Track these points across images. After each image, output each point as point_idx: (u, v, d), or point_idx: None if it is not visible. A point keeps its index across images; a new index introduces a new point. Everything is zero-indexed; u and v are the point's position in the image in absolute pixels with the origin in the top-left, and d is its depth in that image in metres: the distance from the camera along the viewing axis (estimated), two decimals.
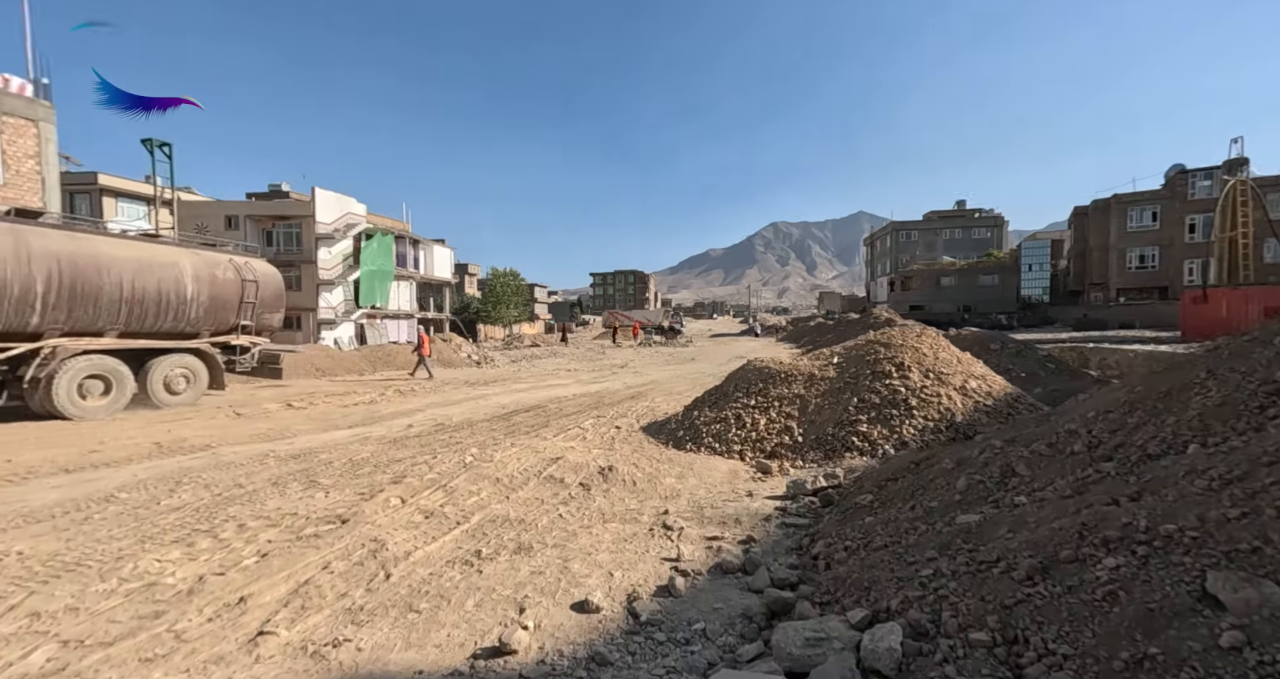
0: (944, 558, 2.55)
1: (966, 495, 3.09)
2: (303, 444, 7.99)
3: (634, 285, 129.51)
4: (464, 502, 5.10)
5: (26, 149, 18.93)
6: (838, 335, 29.23)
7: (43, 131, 19.29)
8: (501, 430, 9.20)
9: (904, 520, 3.22)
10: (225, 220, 38.12)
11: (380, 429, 9.55)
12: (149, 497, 5.22)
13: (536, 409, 11.85)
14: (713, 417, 7.93)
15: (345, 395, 14.25)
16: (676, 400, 13.24)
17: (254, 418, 10.69)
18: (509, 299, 56.97)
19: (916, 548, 2.80)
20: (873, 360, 7.54)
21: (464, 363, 25.81)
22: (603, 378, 19.24)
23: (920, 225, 67.76)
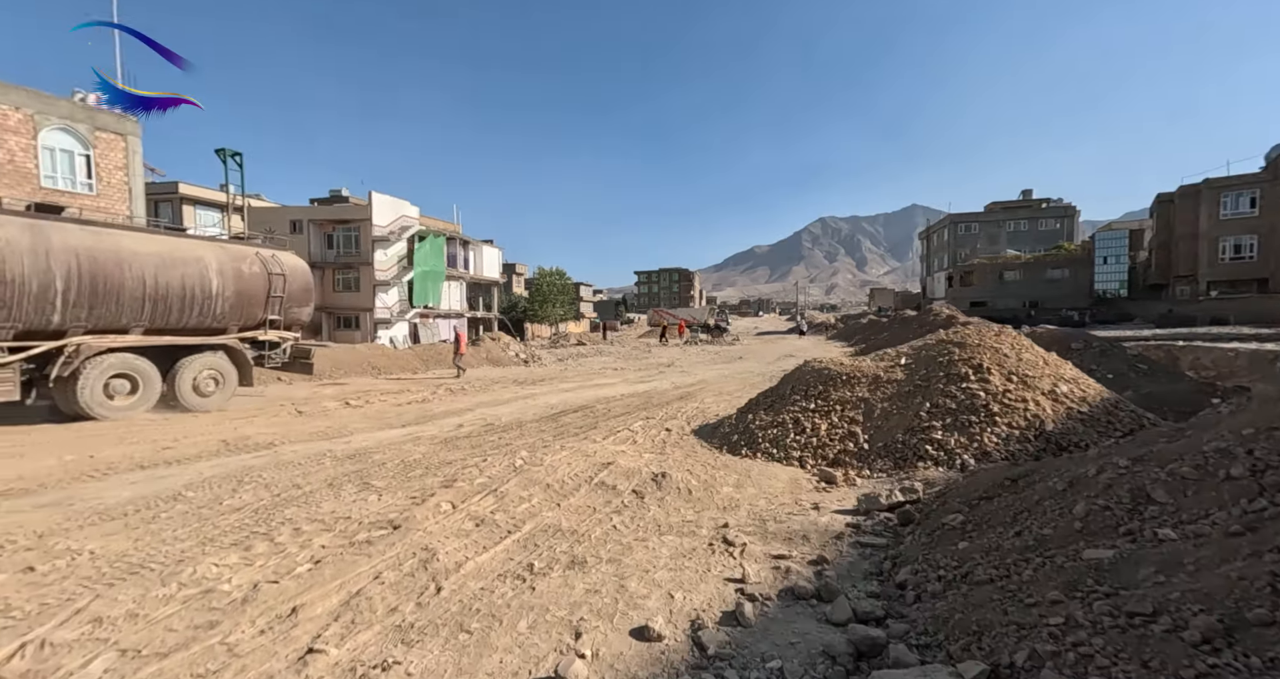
0: (1074, 602, 2.16)
1: (1089, 524, 2.65)
2: (358, 443, 8.10)
3: (678, 283, 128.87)
4: (515, 509, 4.94)
5: (116, 161, 20.30)
6: (894, 334, 27.98)
7: (130, 145, 20.64)
8: (550, 432, 9.09)
9: (1010, 549, 2.80)
10: (290, 224, 39.98)
11: (432, 428, 9.62)
12: (213, 496, 5.32)
13: (584, 409, 11.72)
14: (769, 420, 7.54)
15: (400, 393, 14.56)
16: (727, 401, 12.85)
17: (314, 416, 11.01)
18: (555, 298, 57.59)
19: (1034, 586, 2.40)
20: (946, 362, 6.96)
21: (512, 361, 26.12)
22: (650, 377, 19.01)
23: (981, 217, 64.36)
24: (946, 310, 25.26)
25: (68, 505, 5.05)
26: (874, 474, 6.04)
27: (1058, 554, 2.55)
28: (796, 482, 6.00)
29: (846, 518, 4.62)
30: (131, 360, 10.74)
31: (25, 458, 7.02)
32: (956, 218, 64.16)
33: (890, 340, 26.73)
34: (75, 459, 6.98)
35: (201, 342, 11.96)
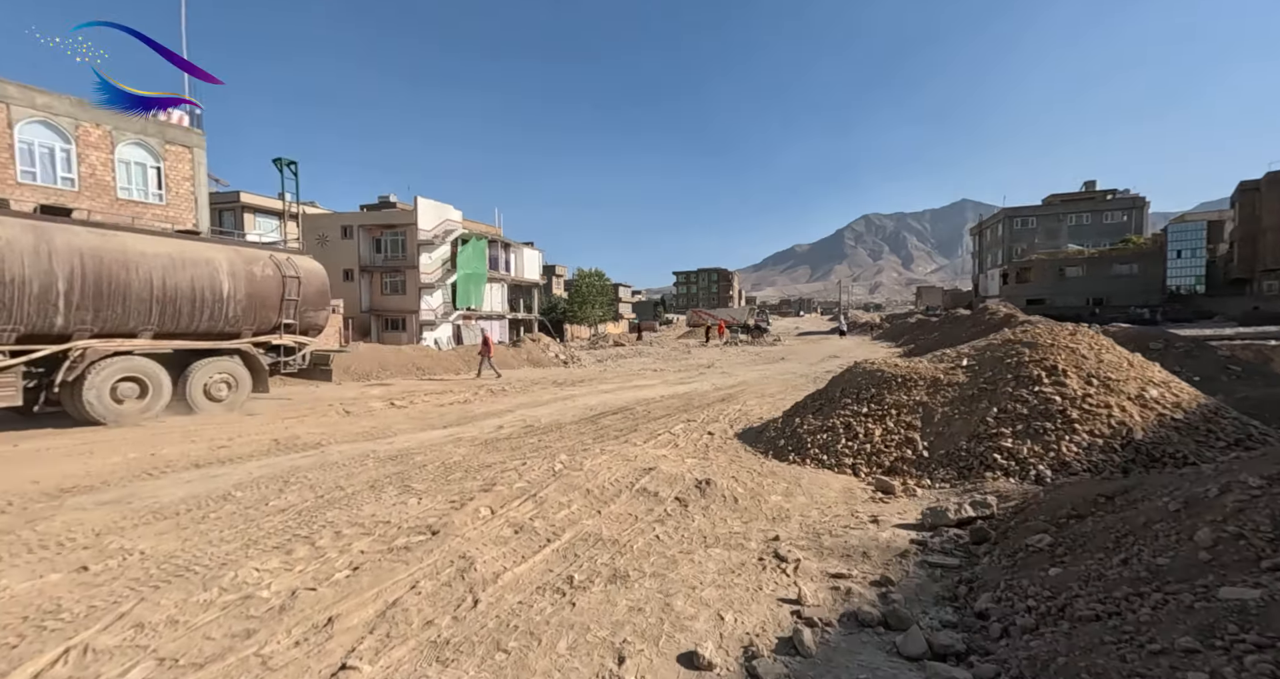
0: (1216, 653, 1.80)
1: (1219, 555, 2.26)
2: (401, 444, 8.14)
3: (717, 283, 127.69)
4: (554, 515, 4.78)
5: (183, 173, 21.44)
6: (946, 334, 26.75)
7: (195, 156, 21.77)
8: (590, 434, 8.94)
9: (1118, 580, 2.42)
10: (341, 230, 41.48)
11: (473, 430, 9.63)
12: (259, 496, 5.37)
13: (624, 411, 11.55)
14: (818, 425, 7.16)
15: (442, 394, 14.76)
16: (770, 404, 12.45)
17: (360, 416, 11.22)
18: (594, 299, 57.89)
19: (1156, 628, 2.04)
20: (1015, 363, 6.42)
21: (552, 362, 26.26)
22: (690, 379, 18.72)
23: (1039, 211, 61.13)
24: (1004, 308, 23.93)
25: (125, 504, 5.18)
26: (936, 484, 5.61)
27: (1182, 590, 2.17)
28: (850, 491, 5.63)
29: (910, 533, 4.25)
30: (140, 364, 10.45)
31: (94, 456, 7.34)
32: (1012, 212, 61.15)
33: (942, 340, 25.56)
34: (138, 457, 7.26)
35: (214, 346, 11.66)
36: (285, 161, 35.78)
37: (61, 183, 18.76)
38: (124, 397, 10.21)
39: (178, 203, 21.63)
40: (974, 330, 23.04)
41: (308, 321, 13.54)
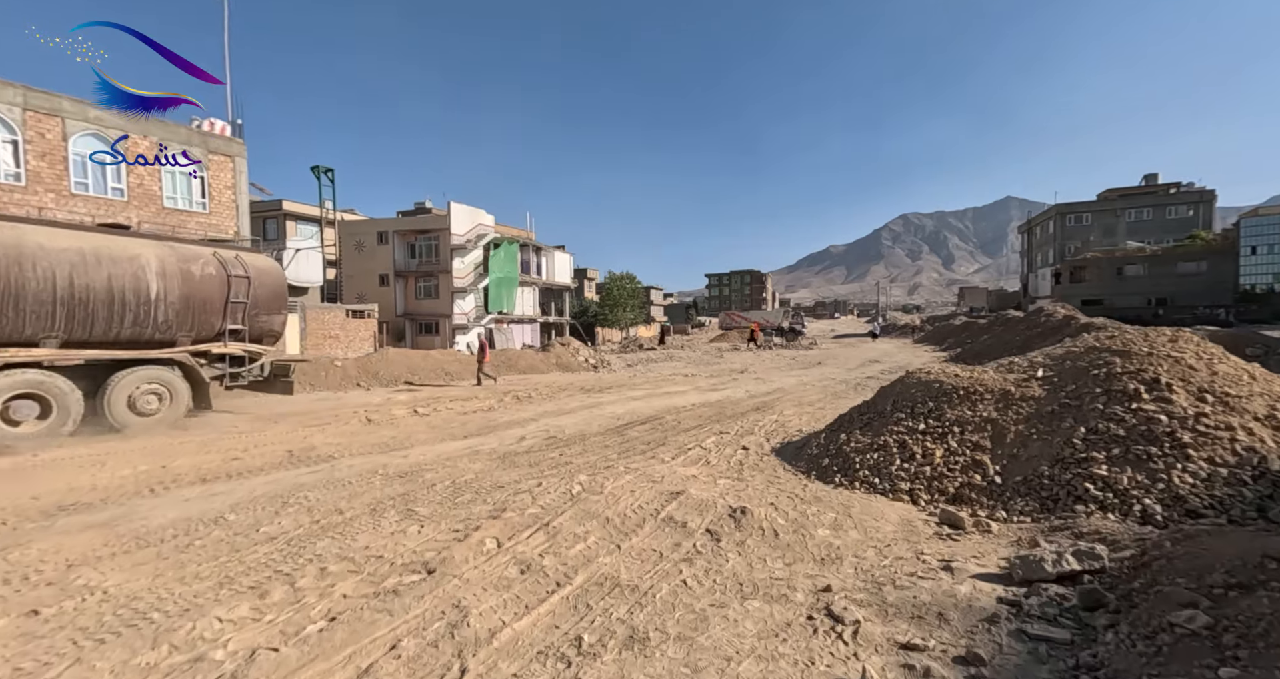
0: None
1: None
2: (415, 458, 7.70)
3: (750, 286, 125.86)
4: (567, 550, 4.19)
5: (225, 181, 21.88)
6: (997, 337, 25.19)
7: (237, 165, 22.21)
8: (615, 448, 8.34)
9: None
10: (377, 236, 42.16)
11: (493, 441, 9.16)
12: (253, 521, 4.96)
13: (653, 421, 10.91)
14: (868, 442, 6.38)
15: (468, 400, 14.42)
16: (810, 414, 11.62)
17: (382, 424, 10.90)
18: (625, 302, 57.44)
19: None
20: (1104, 375, 5.52)
21: (581, 367, 25.84)
22: (722, 385, 17.94)
23: (1094, 207, 57.86)
24: (1061, 309, 22.31)
25: (114, 527, 4.83)
26: (1013, 518, 4.78)
27: None
28: (911, 524, 4.85)
29: (997, 588, 3.47)
30: (39, 378, 8.88)
31: (105, 467, 7.14)
32: (1064, 208, 58.04)
33: (994, 345, 24.05)
34: (149, 470, 7.01)
35: (140, 355, 10.13)
36: (323, 169, 36.55)
37: (111, 193, 19.27)
38: (20, 418, 8.65)
39: (220, 211, 22.08)
40: (1029, 334, 21.53)
41: (261, 327, 11.89)
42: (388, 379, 18.71)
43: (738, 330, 56.80)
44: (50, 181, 17.92)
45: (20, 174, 17.25)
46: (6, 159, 17.22)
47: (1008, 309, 68.95)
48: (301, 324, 26.89)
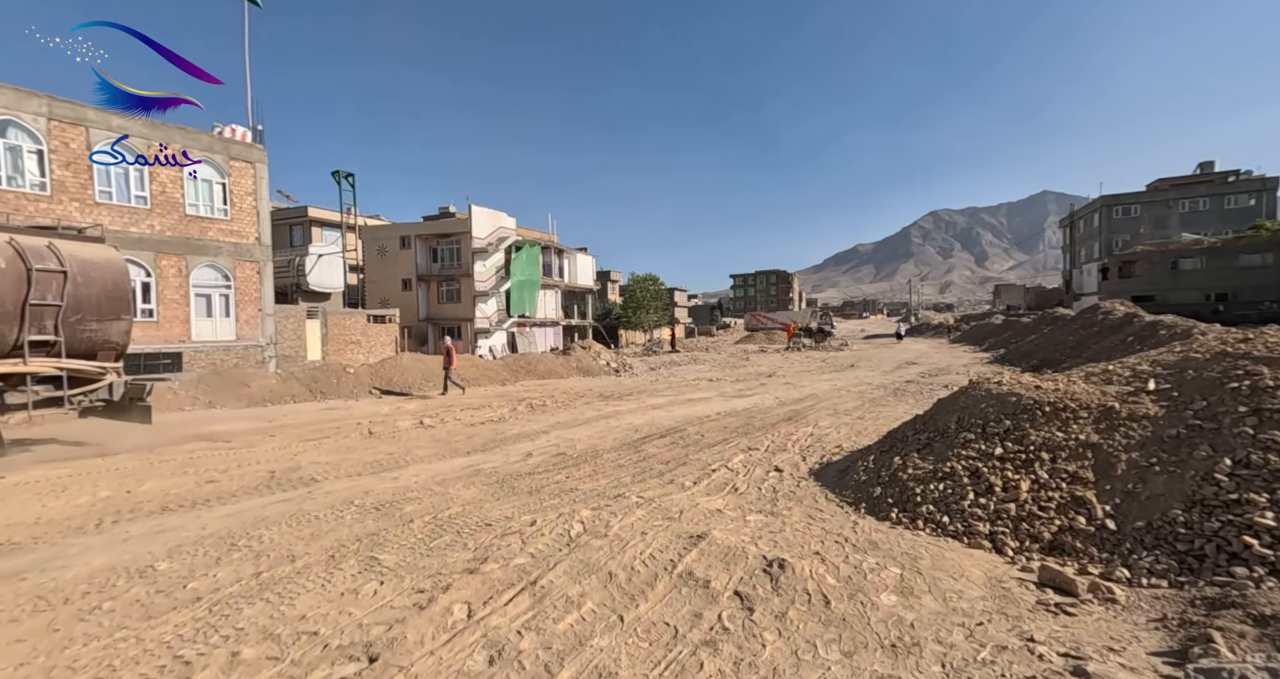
0: None
1: None
2: (406, 481, 6.85)
3: (776, 286, 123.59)
4: (554, 625, 3.22)
5: (247, 188, 21.68)
6: (1048, 338, 23.42)
7: (258, 171, 22.00)
8: (629, 468, 7.36)
9: None
10: (400, 241, 42.07)
11: (497, 458, 8.28)
12: (186, 571, 4.13)
13: (673, 434, 9.91)
14: (929, 469, 5.27)
15: (480, 409, 13.64)
16: (849, 425, 10.46)
17: (383, 438, 10.13)
18: (649, 304, 56.46)
19: None
20: (1248, 390, 4.30)
21: (603, 371, 24.95)
22: (749, 390, 16.82)
23: (1144, 197, 54.66)
24: (1121, 306, 20.50)
25: (22, 579, 4.06)
26: (1141, 579, 3.63)
27: None
28: (1002, 586, 3.74)
29: None
30: None
31: (65, 492, 6.47)
32: (1110, 200, 54.97)
33: (1043, 345, 22.31)
34: (110, 496, 6.31)
35: None
36: (343, 174, 36.53)
37: (135, 201, 19.16)
38: None
39: (241, 217, 21.89)
40: (1084, 333, 19.80)
41: (91, 339, 9.12)
42: (401, 386, 18.10)
43: (764, 331, 55.33)
44: (75, 191, 17.83)
45: (45, 183, 17.18)
46: (32, 169, 17.17)
47: (1049, 307, 65.70)
48: (323, 330, 26.67)
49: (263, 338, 22.24)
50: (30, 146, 17.17)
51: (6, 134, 16.62)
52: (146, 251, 18.85)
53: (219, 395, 14.41)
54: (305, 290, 34.55)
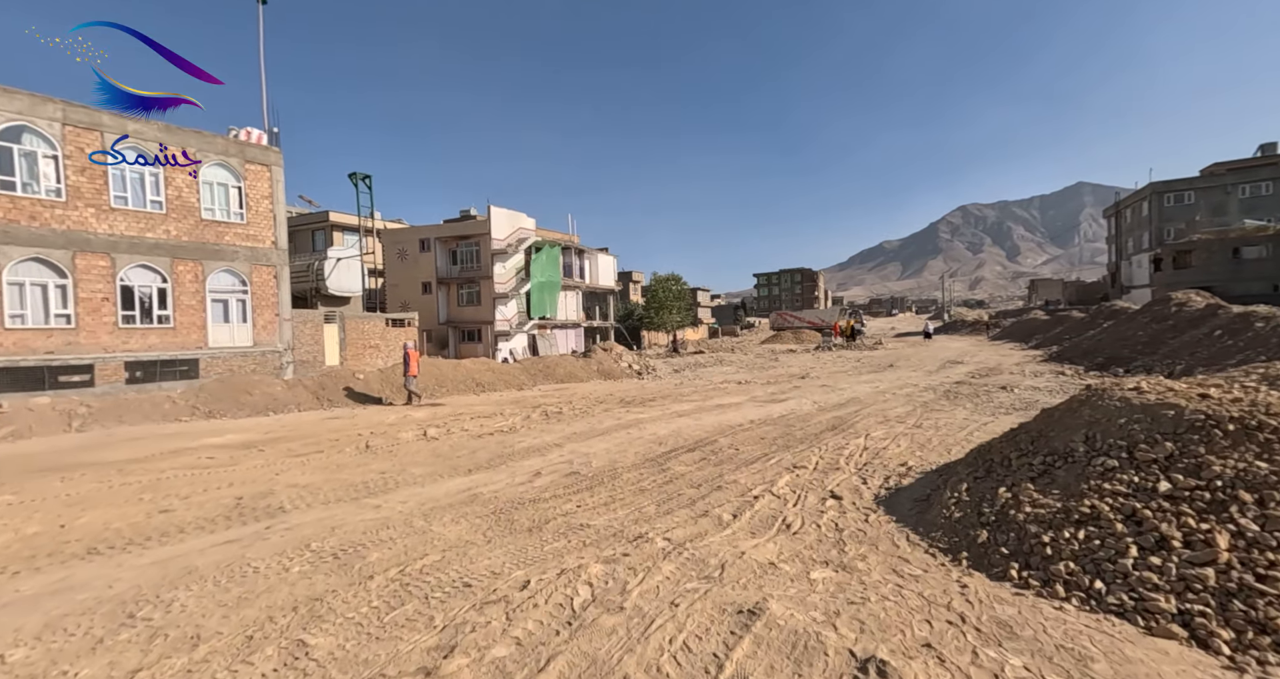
0: None
1: None
2: (387, 512, 5.71)
3: (801, 284, 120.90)
4: None
5: (262, 191, 21.07)
6: (1112, 334, 21.38)
7: (274, 174, 21.38)
8: (652, 494, 6.10)
9: None
10: (419, 244, 41.52)
11: (500, 479, 7.11)
12: (38, 670, 3.00)
13: (703, 447, 8.62)
14: (1057, 508, 3.89)
15: (491, 418, 12.55)
16: (906, 436, 9.01)
17: (379, 453, 9.06)
18: (671, 304, 55.10)
19: None
20: None
21: (624, 374, 23.74)
22: (783, 394, 15.40)
23: (1199, 183, 51.26)
24: (1197, 296, 18.44)
25: None
26: None
27: None
28: None
29: None
30: None
31: None
32: (1161, 187, 51.69)
33: (1106, 342, 20.33)
34: (39, 533, 5.31)
35: None
36: (360, 176, 36.10)
37: (151, 206, 18.66)
38: None
39: (257, 221, 21.29)
40: (1157, 328, 17.84)
41: None
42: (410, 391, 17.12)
43: (791, 331, 53.48)
44: (90, 196, 17.38)
45: (61, 189, 16.75)
46: (48, 174, 16.76)
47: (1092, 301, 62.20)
48: (341, 334, 26.03)
49: (280, 343, 21.61)
50: (45, 152, 16.74)
51: (21, 140, 16.21)
52: (163, 257, 18.34)
53: (220, 404, 13.62)
54: (324, 295, 34.15)
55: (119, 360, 17.43)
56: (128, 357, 17.56)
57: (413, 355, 16.11)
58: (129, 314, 17.60)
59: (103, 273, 17.42)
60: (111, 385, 17.07)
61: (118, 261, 17.68)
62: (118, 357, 17.45)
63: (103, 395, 14.24)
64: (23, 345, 15.67)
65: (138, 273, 18.10)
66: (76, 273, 16.96)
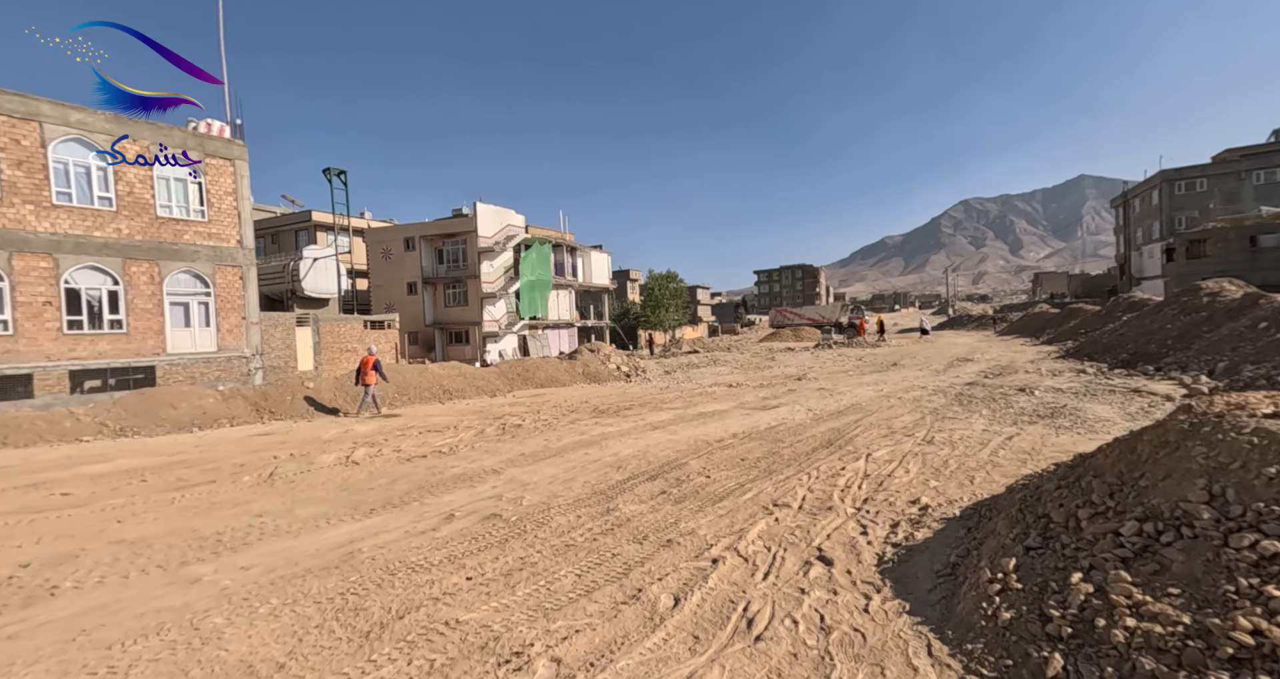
0: None
1: None
2: (194, 595, 4.12)
3: (802, 281, 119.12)
4: None
5: (225, 187, 19.51)
6: (1131, 326, 19.69)
7: (238, 169, 19.81)
8: (577, 557, 4.49)
9: None
10: (404, 243, 39.96)
11: (401, 525, 5.54)
12: None
13: (667, 473, 7.03)
14: (1185, 626, 2.33)
15: (441, 432, 10.99)
16: (917, 456, 7.40)
17: (278, 484, 7.46)
18: (668, 302, 53.45)
19: None
20: None
21: (612, 376, 22.14)
22: (775, 398, 13.80)
23: (1211, 170, 49.47)
24: (1230, 285, 16.79)
25: None
26: None
27: None
28: None
29: None
30: None
31: None
32: (1172, 174, 49.87)
33: (1132, 336, 18.63)
34: None
35: None
36: (335, 171, 34.45)
37: (99, 202, 17.15)
38: None
39: (220, 218, 19.75)
40: (1186, 321, 16.17)
41: None
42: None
43: (790, 328, 51.81)
44: (28, 192, 15.89)
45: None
46: None
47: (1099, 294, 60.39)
48: (315, 338, 24.51)
49: (247, 348, 20.10)
50: None
51: None
52: (113, 258, 16.87)
53: (136, 420, 12.07)
54: (301, 296, 32.54)
55: (63, 369, 15.95)
56: (74, 365, 16.08)
57: (367, 362, 14.22)
58: (75, 319, 16.12)
59: (44, 274, 15.93)
60: (54, 396, 15.60)
61: (61, 262, 16.20)
62: (62, 365, 15.97)
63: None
64: None
65: (85, 274, 16.62)
66: (14, 274, 15.46)
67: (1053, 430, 8.84)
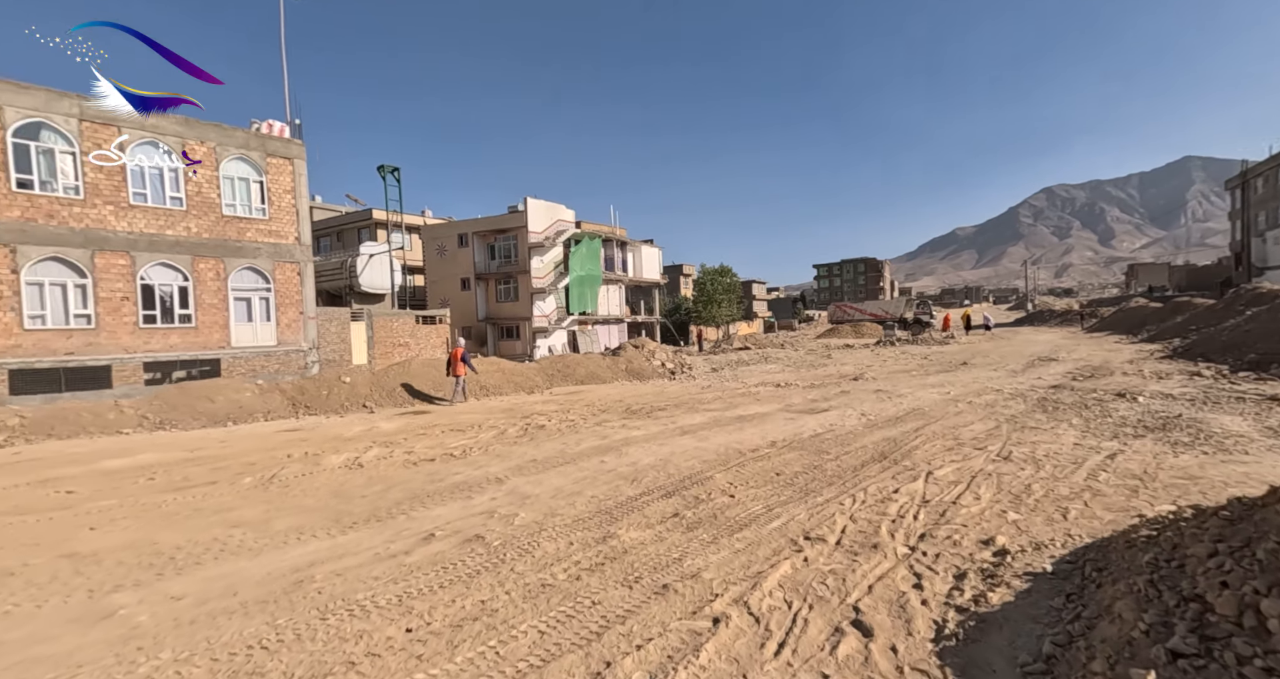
0: None
1: None
2: (80, 642, 3.60)
3: (864, 275, 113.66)
4: None
5: (285, 185, 20.08)
6: (1260, 323, 16.83)
7: (296, 168, 20.35)
8: (549, 606, 3.62)
9: None
10: (458, 239, 40.47)
11: (373, 545, 4.89)
12: None
13: (686, 489, 6.07)
14: None
15: (463, 432, 10.48)
16: (989, 475, 6.08)
17: (272, 489, 7.07)
18: (721, 297, 51.88)
19: None
20: None
21: (656, 373, 21.22)
22: (826, 400, 12.49)
23: None
24: None
25: None
26: None
27: None
28: None
29: None
30: None
31: None
32: None
33: (1260, 334, 15.87)
34: None
35: None
36: (389, 168, 35.21)
37: (170, 203, 17.94)
38: None
39: (280, 216, 20.35)
40: None
41: None
42: (402, 399, 15.42)
43: (850, 324, 49.05)
44: (109, 193, 16.77)
45: (79, 187, 16.20)
46: (66, 171, 16.25)
47: (1208, 286, 53.72)
48: (368, 332, 25.02)
49: (305, 342, 20.63)
50: (63, 148, 16.20)
51: (39, 137, 15.73)
52: (183, 255, 17.62)
53: (174, 414, 12.28)
54: (358, 292, 33.50)
55: (138, 361, 16.76)
56: (147, 357, 16.89)
57: (456, 354, 15.25)
58: (150, 313, 16.92)
59: (122, 271, 16.77)
60: (130, 386, 16.40)
61: (137, 260, 17.00)
62: (137, 357, 16.78)
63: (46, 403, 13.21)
64: (42, 346, 15.12)
65: (158, 271, 17.39)
66: (96, 272, 16.33)
67: (1168, 448, 7.21)
